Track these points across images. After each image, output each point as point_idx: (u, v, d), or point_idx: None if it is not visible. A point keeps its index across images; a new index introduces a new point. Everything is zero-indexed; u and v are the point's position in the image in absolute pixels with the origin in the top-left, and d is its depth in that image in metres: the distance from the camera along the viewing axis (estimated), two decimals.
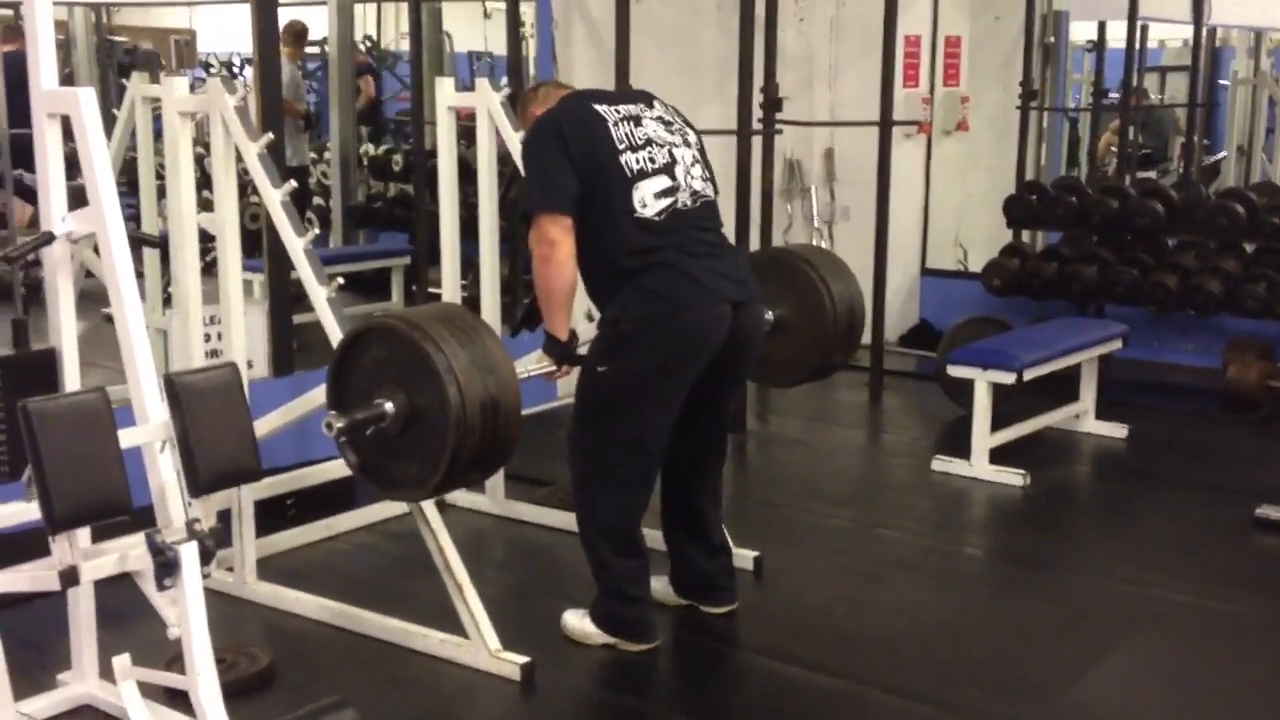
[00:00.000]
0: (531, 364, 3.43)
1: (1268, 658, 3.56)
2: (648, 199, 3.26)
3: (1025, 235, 7.16)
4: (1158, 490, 5.00)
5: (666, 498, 3.62)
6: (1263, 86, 9.00)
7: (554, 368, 3.42)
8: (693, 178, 3.37)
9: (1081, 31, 8.73)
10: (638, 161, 3.27)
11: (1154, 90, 10.46)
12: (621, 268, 3.25)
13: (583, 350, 3.41)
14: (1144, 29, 7.94)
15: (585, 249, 3.26)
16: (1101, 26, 8.14)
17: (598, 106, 3.33)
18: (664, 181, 3.30)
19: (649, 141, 3.32)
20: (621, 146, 3.27)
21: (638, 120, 3.35)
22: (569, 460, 3.46)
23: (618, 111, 3.33)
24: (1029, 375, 5.03)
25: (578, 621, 3.53)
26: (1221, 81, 9.88)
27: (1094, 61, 8.64)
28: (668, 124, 3.41)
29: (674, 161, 3.34)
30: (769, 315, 3.73)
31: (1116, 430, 5.57)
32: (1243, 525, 4.48)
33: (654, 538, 3.63)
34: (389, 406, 2.97)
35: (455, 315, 3.10)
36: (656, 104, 3.46)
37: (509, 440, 3.03)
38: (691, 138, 3.46)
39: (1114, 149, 7.98)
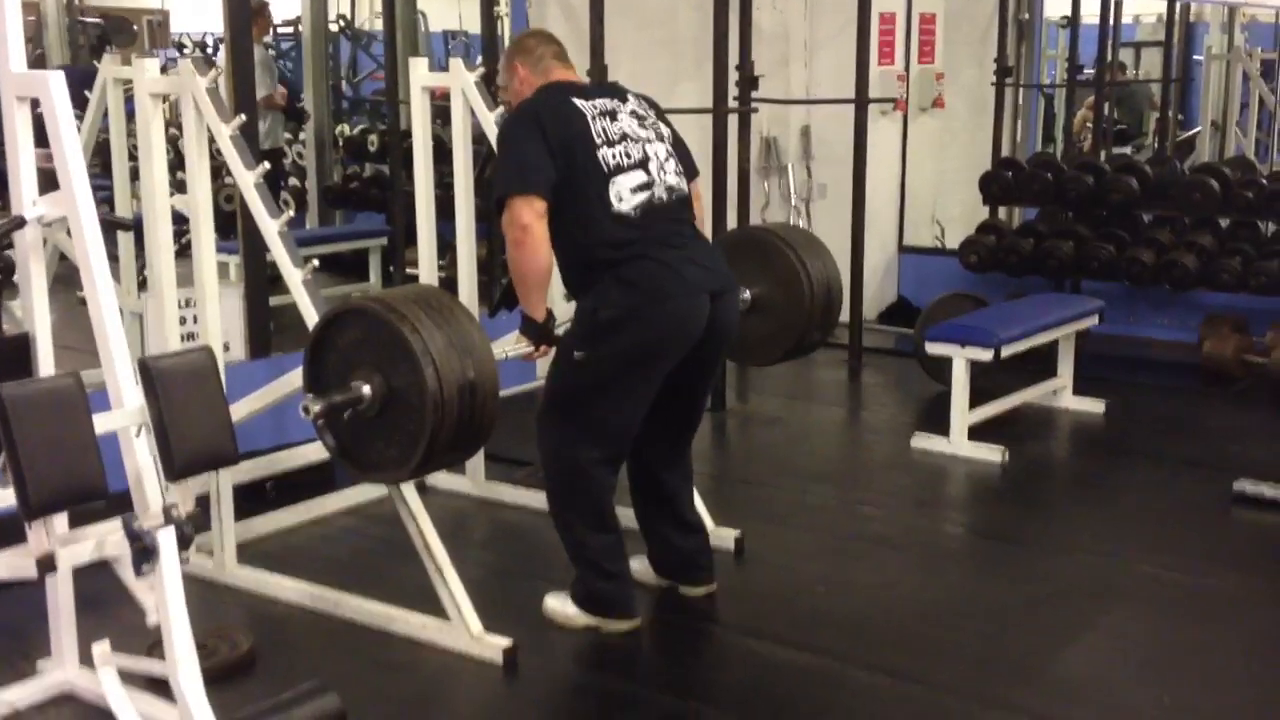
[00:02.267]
0: (509, 345, 3.43)
1: (1246, 631, 3.59)
2: (624, 194, 3.28)
3: (1002, 212, 7.18)
4: (1135, 465, 5.03)
5: (637, 478, 3.62)
6: (1236, 61, 9.04)
7: (531, 348, 3.42)
8: (666, 172, 3.38)
9: (1055, 7, 8.75)
10: (614, 157, 3.29)
11: (1129, 66, 10.48)
12: (598, 259, 3.26)
13: (560, 331, 3.42)
14: (1118, 4, 7.97)
15: (561, 242, 3.26)
16: (1075, 2, 8.13)
17: (576, 101, 3.33)
18: (640, 176, 3.31)
19: (624, 136, 3.33)
20: (599, 141, 3.28)
21: (614, 115, 3.35)
22: (538, 441, 3.47)
23: (595, 106, 3.34)
24: (1006, 352, 5.04)
25: (559, 604, 3.53)
26: (1195, 57, 9.92)
27: (1068, 38, 8.65)
28: (641, 118, 3.42)
29: (648, 157, 3.35)
30: (746, 294, 3.74)
31: (1094, 405, 5.59)
32: (1220, 500, 4.50)
33: (628, 516, 3.62)
34: (366, 389, 2.97)
35: (431, 296, 3.09)
36: (630, 98, 3.48)
37: (487, 421, 3.03)
38: (665, 131, 3.48)
39: (1089, 125, 8.01)
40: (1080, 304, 5.76)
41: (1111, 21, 7.69)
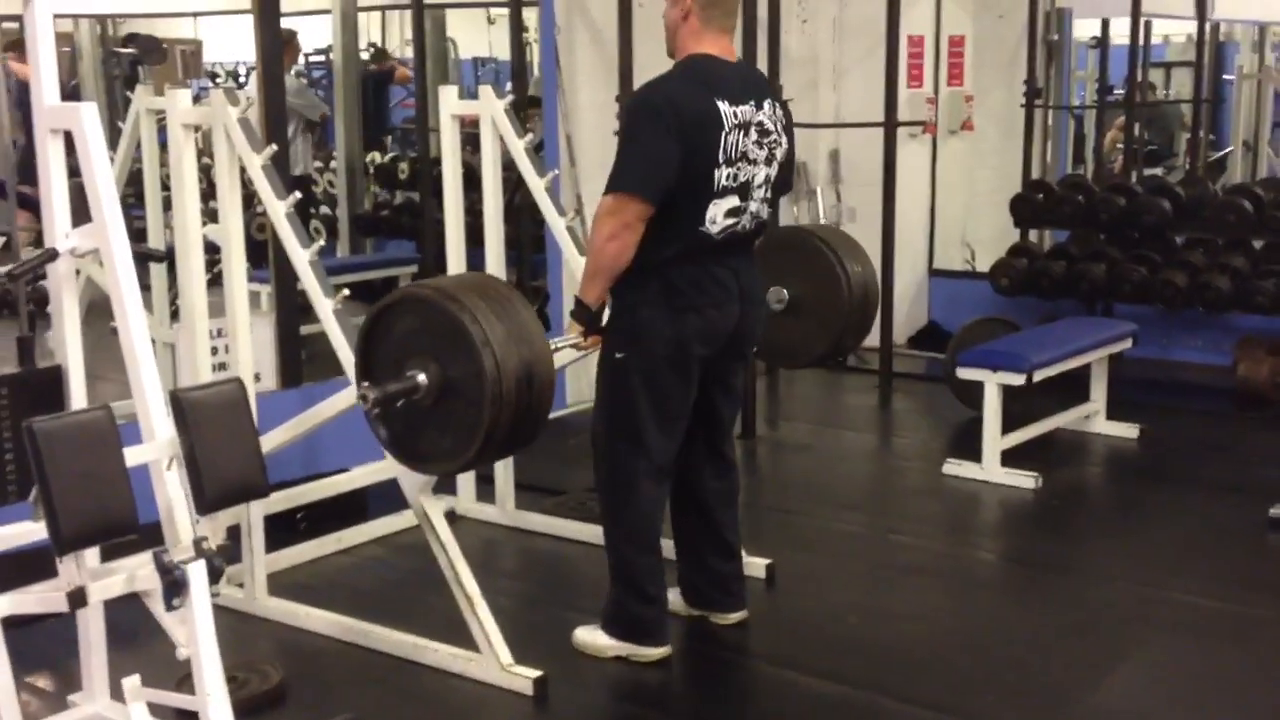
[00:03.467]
0: (560, 337, 3.40)
1: None
2: (718, 217, 3.24)
3: (1033, 234, 7.13)
4: (1171, 491, 4.97)
5: (677, 491, 3.56)
6: (1267, 81, 8.98)
7: (580, 339, 3.37)
8: (757, 200, 3.33)
9: (1085, 28, 8.70)
10: (726, 177, 3.23)
11: (1159, 86, 10.43)
12: (659, 260, 3.23)
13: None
14: (1147, 25, 7.91)
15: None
16: (1105, 23, 8.11)
17: (721, 104, 3.20)
18: (735, 201, 3.26)
19: (743, 156, 3.25)
20: (721, 159, 3.20)
21: (746, 129, 3.25)
22: (594, 457, 3.46)
23: (735, 116, 3.22)
24: (1039, 376, 5.00)
25: (589, 635, 3.50)
26: (1226, 76, 9.85)
27: (1098, 58, 8.60)
28: (764, 134, 3.31)
29: (751, 184, 3.29)
30: (784, 294, 3.76)
31: (1128, 430, 5.54)
32: (1258, 525, 4.45)
33: (666, 547, 3.60)
34: (422, 378, 2.92)
35: (488, 284, 3.06)
36: (767, 103, 3.35)
37: (543, 413, 2.98)
38: (779, 152, 3.37)
39: (1119, 146, 7.96)
40: (1113, 327, 5.71)
41: (1141, 42, 7.64)
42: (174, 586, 2.54)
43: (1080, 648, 3.61)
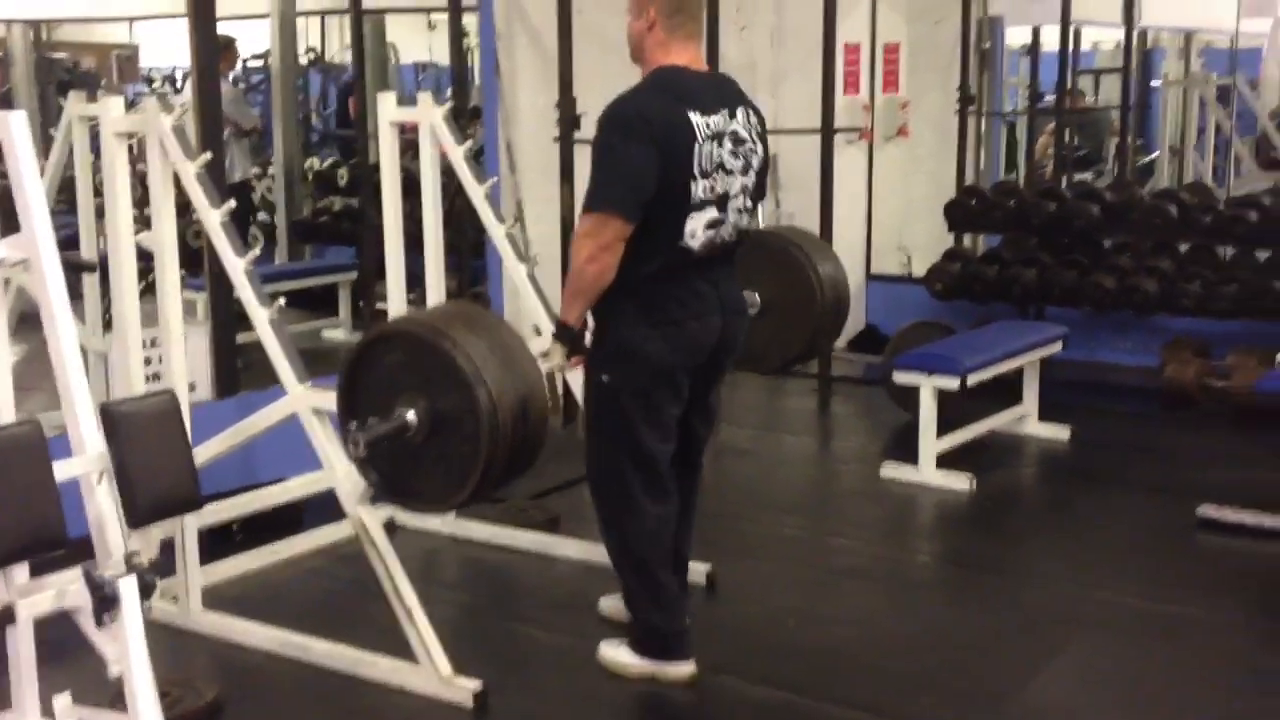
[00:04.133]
0: (543, 359, 3.35)
1: (1213, 656, 3.61)
2: (698, 230, 3.18)
3: (967, 239, 7.23)
4: (1101, 491, 5.06)
5: None
6: (1193, 87, 9.14)
7: (564, 361, 3.33)
8: (735, 210, 3.27)
9: (1016, 36, 8.83)
10: (703, 190, 3.17)
11: (1089, 92, 10.59)
12: (638, 277, 3.18)
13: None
14: (1077, 32, 8.06)
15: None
16: (1035, 31, 8.25)
17: (693, 115, 3.15)
18: (714, 213, 3.21)
19: (719, 167, 3.20)
20: (696, 171, 3.15)
21: (720, 139, 3.20)
22: (588, 473, 3.43)
23: (709, 126, 3.17)
24: (972, 379, 5.07)
25: (613, 652, 3.46)
26: (1153, 83, 10.03)
27: (1029, 65, 8.74)
28: (739, 142, 3.25)
29: (729, 194, 3.24)
30: (755, 298, 3.72)
31: (1059, 432, 5.63)
32: (1185, 525, 4.54)
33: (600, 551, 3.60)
34: (411, 416, 2.86)
35: (472, 313, 3.03)
36: (740, 112, 3.29)
37: (538, 442, 2.94)
38: (755, 160, 3.31)
39: (1050, 151, 8.08)
40: (1044, 330, 5.81)
41: (1071, 49, 7.77)
42: (104, 603, 2.51)
43: (1014, 647, 3.67)
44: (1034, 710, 3.32)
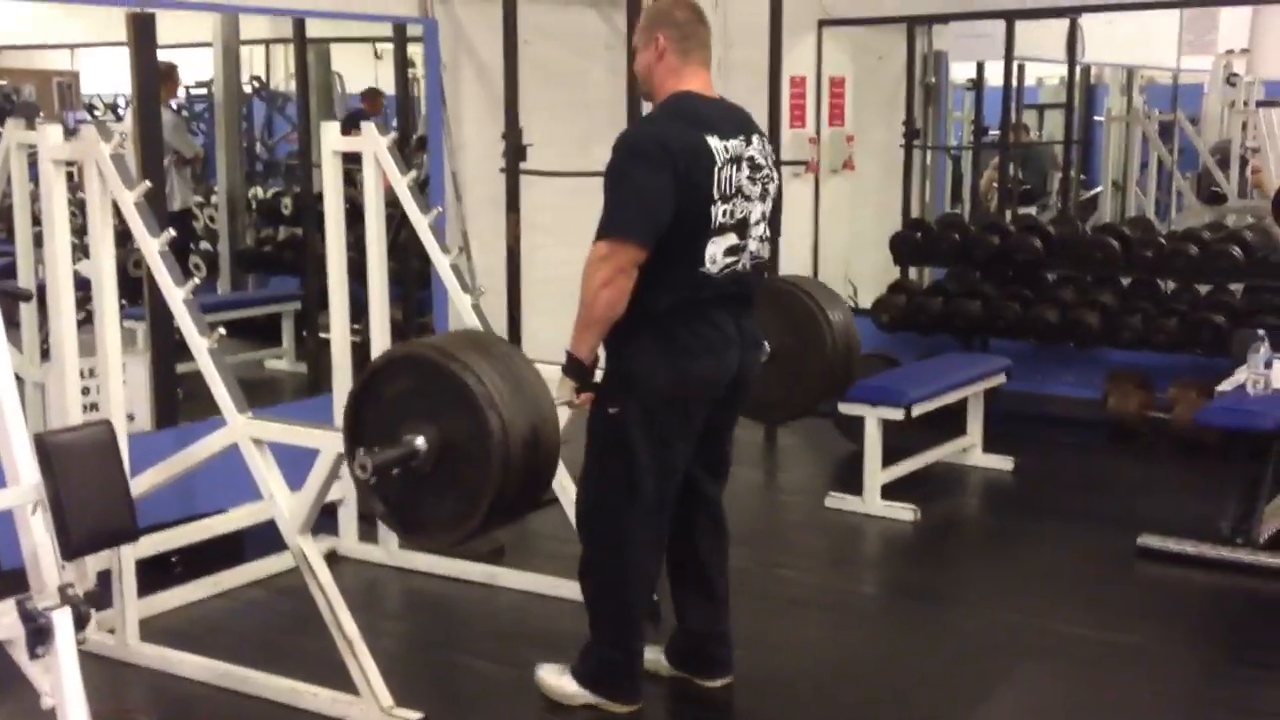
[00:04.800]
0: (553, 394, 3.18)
1: (1152, 683, 3.65)
2: (718, 256, 3.11)
3: (913, 272, 7.30)
4: (1044, 521, 5.10)
5: (670, 543, 3.40)
6: (1135, 123, 9.30)
7: (573, 396, 3.19)
8: (754, 238, 3.20)
9: (961, 71, 8.95)
10: (723, 214, 3.10)
11: (1033, 127, 10.75)
12: (657, 309, 3.10)
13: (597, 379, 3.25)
14: (1021, 68, 8.18)
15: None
16: (980, 66, 8.36)
17: (711, 140, 3.09)
18: (733, 239, 3.13)
19: (738, 192, 3.13)
20: (716, 195, 3.08)
21: (738, 163, 3.13)
22: (578, 505, 3.35)
23: (726, 150, 3.11)
24: (917, 411, 5.11)
25: (555, 679, 3.38)
26: (1097, 118, 10.20)
27: (974, 100, 8.86)
28: (756, 169, 3.19)
29: (748, 220, 3.16)
30: (765, 345, 3.56)
31: (1003, 463, 5.68)
32: (1127, 554, 4.58)
33: None
34: (420, 442, 2.77)
35: (486, 340, 2.96)
36: (755, 139, 3.23)
37: (548, 475, 2.86)
38: (772, 187, 3.26)
39: (995, 185, 8.19)
40: (988, 363, 5.87)
41: (1015, 85, 7.89)
42: (38, 634, 2.46)
43: (957, 676, 3.69)
44: None
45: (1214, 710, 3.53)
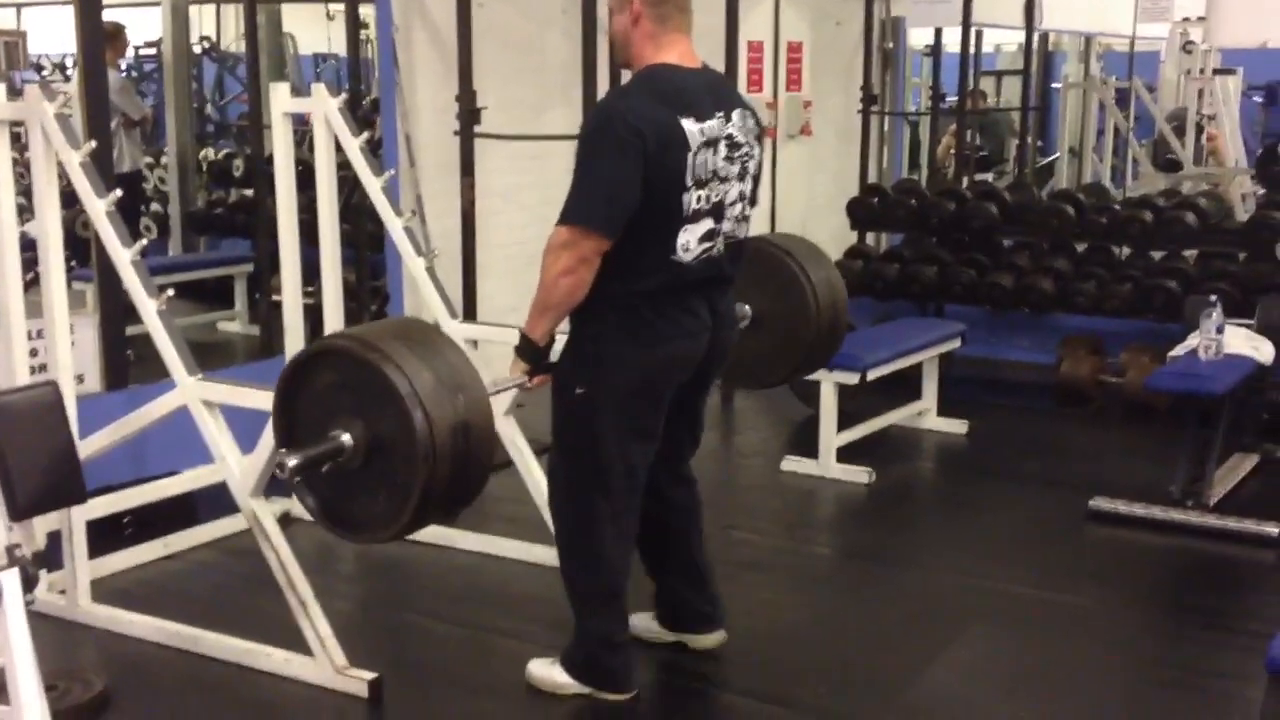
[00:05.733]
0: (501, 378, 3.15)
1: (1102, 644, 3.69)
2: (691, 243, 3.00)
3: (870, 237, 7.32)
4: (997, 484, 5.15)
5: (643, 522, 3.31)
6: (1092, 90, 9.35)
7: (524, 379, 3.12)
8: (731, 220, 3.09)
9: (919, 37, 8.97)
10: (697, 200, 2.98)
11: (990, 94, 10.79)
12: (628, 293, 3.01)
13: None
14: (979, 34, 8.21)
15: (602, 264, 2.97)
16: (938, 32, 8.37)
17: (686, 123, 2.95)
18: (709, 224, 3.03)
19: (714, 175, 3.02)
20: (690, 182, 2.96)
21: (714, 145, 3.01)
22: (550, 495, 3.30)
23: (702, 133, 2.97)
24: (872, 375, 5.14)
25: (545, 672, 3.29)
26: (1054, 85, 10.25)
27: (932, 66, 8.88)
28: (735, 147, 3.07)
29: (723, 203, 3.06)
30: (746, 309, 3.49)
31: (957, 427, 5.72)
32: (1078, 517, 4.63)
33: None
34: (346, 438, 2.68)
35: (412, 329, 2.86)
36: (736, 114, 3.09)
37: (484, 463, 2.76)
38: (751, 164, 3.14)
39: (953, 151, 8.22)
40: (943, 327, 5.90)
41: (973, 51, 7.92)
42: None
43: (909, 637, 3.72)
44: (928, 698, 3.36)
45: (1163, 670, 3.58)
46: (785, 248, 3.63)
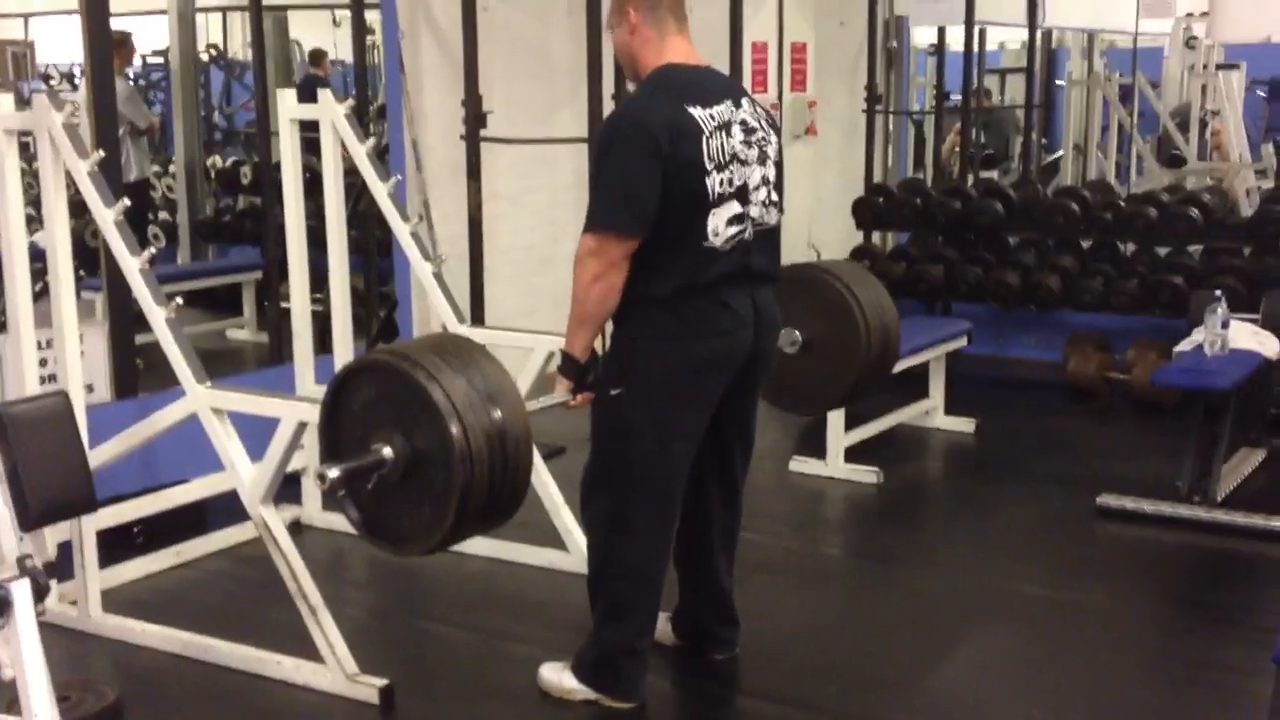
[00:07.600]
0: (545, 396, 3.14)
1: (1112, 641, 3.69)
2: (720, 228, 2.97)
3: (875, 236, 7.32)
4: (1005, 482, 5.15)
5: (679, 537, 3.27)
6: (1096, 86, 9.33)
7: (568, 396, 3.08)
8: (757, 203, 3.06)
9: (923, 36, 8.95)
10: (720, 184, 2.97)
11: (995, 92, 10.77)
12: (665, 290, 2.98)
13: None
14: (982, 32, 8.19)
15: (634, 263, 2.97)
16: (941, 31, 8.35)
17: (693, 111, 2.96)
18: (736, 208, 3.00)
19: (733, 158, 3.00)
20: (710, 166, 2.95)
21: (728, 129, 3.00)
22: (583, 500, 3.23)
23: (713, 118, 2.98)
24: None
25: (555, 675, 3.27)
26: (1058, 82, 10.23)
27: (936, 65, 8.86)
28: (750, 131, 3.06)
29: (747, 185, 3.03)
30: (795, 335, 3.50)
31: (965, 425, 5.72)
32: (1086, 514, 4.63)
33: None
34: (387, 451, 2.70)
35: (448, 342, 2.89)
36: (744, 102, 3.11)
37: (522, 474, 2.77)
38: (770, 149, 3.13)
39: (958, 150, 8.22)
40: (950, 326, 5.90)
41: (976, 49, 7.91)
42: None
43: (919, 636, 3.72)
44: (940, 697, 3.36)
45: (1172, 665, 3.58)
46: (833, 272, 3.64)
